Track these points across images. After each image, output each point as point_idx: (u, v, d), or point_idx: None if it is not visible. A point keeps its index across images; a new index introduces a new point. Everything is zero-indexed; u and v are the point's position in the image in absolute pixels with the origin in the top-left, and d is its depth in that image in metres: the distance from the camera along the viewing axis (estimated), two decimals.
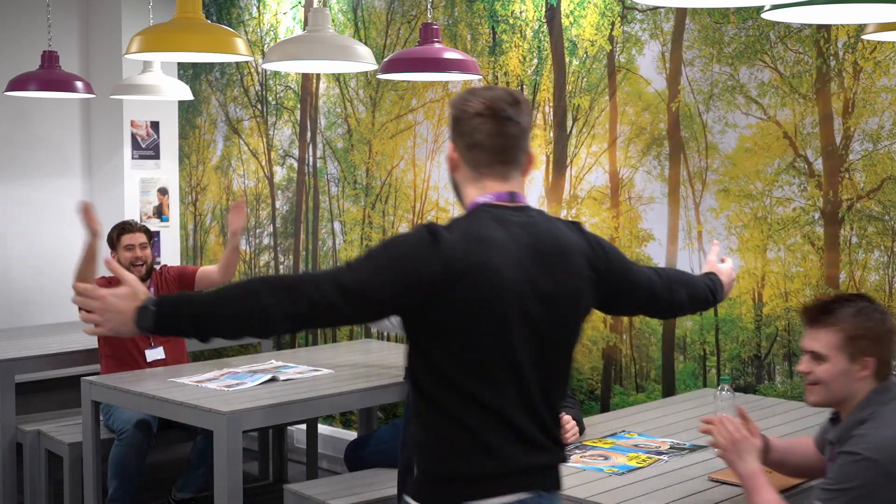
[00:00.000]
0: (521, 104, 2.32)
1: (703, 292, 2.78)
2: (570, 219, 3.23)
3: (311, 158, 6.05)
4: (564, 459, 2.35)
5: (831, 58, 4.02)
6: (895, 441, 2.46)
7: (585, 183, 4.78)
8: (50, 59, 4.98)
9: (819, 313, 2.63)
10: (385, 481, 4.10)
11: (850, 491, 2.44)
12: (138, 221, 5.02)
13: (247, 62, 6.28)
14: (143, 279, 4.85)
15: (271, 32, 6.25)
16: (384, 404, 5.51)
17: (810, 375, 2.64)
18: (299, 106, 6.09)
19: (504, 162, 2.33)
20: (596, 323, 4.74)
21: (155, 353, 4.92)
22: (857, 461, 2.45)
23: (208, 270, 5.05)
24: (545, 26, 4.90)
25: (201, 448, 4.86)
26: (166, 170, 6.76)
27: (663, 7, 4.43)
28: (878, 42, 3.84)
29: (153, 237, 5.02)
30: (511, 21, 5.04)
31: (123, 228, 4.97)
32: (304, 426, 5.58)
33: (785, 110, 4.15)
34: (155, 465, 5.41)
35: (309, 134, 6.06)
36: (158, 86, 5.20)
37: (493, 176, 2.34)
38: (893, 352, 2.62)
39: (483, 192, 2.34)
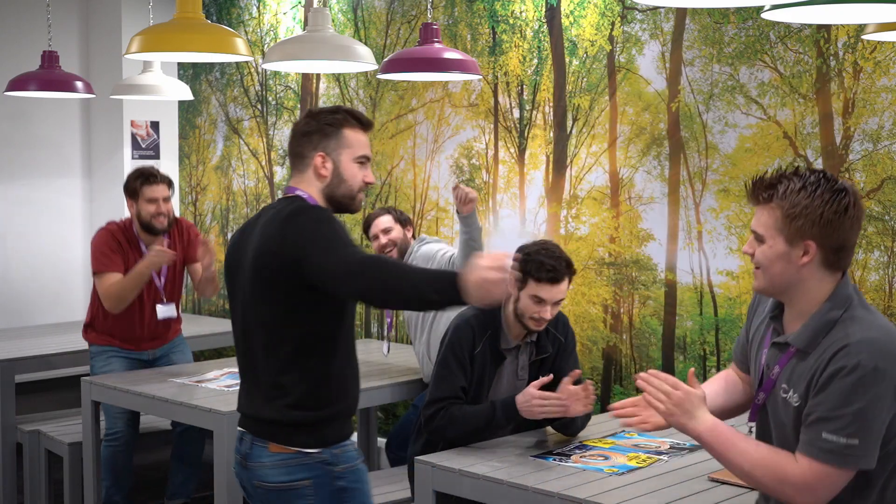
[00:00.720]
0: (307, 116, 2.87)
1: None
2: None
3: None
4: None
5: (831, 58, 4.02)
6: (890, 344, 2.20)
7: (585, 183, 4.78)
8: (50, 59, 4.98)
9: (761, 189, 2.31)
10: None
11: (862, 412, 2.15)
12: (159, 170, 4.72)
13: (247, 62, 6.28)
14: (163, 233, 4.69)
15: (271, 32, 6.25)
16: (384, 404, 5.51)
17: (753, 258, 2.34)
18: (299, 106, 6.09)
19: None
20: (596, 323, 4.74)
21: (167, 311, 4.74)
22: (862, 375, 2.15)
23: (195, 269, 4.77)
24: (545, 26, 4.90)
25: (179, 452, 4.82)
26: (166, 170, 6.73)
27: (663, 7, 4.42)
28: (878, 42, 3.84)
29: (174, 187, 4.77)
30: (511, 21, 5.04)
31: (147, 178, 4.63)
32: None
33: (785, 110, 4.15)
34: (154, 465, 5.42)
35: None
36: (158, 86, 5.20)
37: None
38: (847, 238, 2.26)
39: None
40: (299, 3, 6.08)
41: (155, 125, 6.74)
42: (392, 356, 4.98)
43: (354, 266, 2.57)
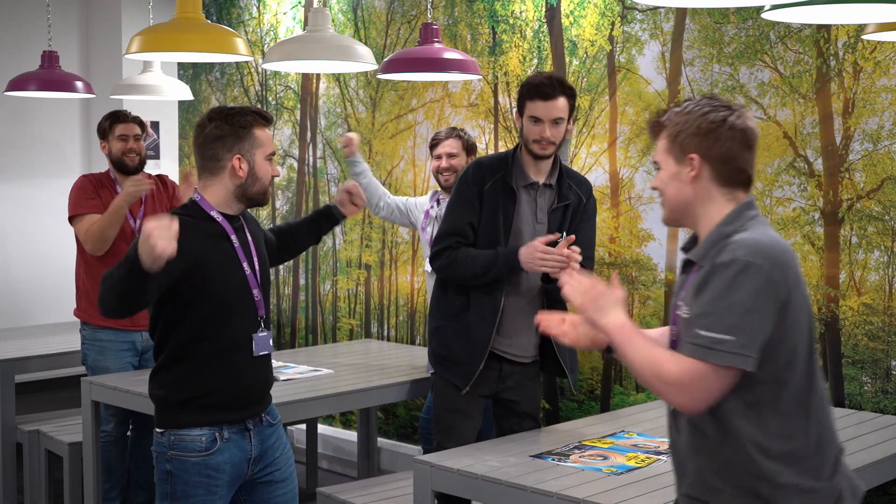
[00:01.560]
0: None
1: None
2: None
3: (311, 158, 6.05)
4: None
5: (831, 58, 4.01)
6: (772, 248, 2.16)
7: None
8: (50, 59, 4.98)
9: (654, 123, 2.33)
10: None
11: (740, 305, 2.09)
12: (130, 112, 4.81)
13: (247, 62, 6.28)
14: (136, 171, 4.69)
15: (271, 32, 6.25)
16: (384, 404, 5.51)
17: (657, 190, 2.38)
18: (299, 106, 6.09)
19: None
20: None
21: None
22: (737, 270, 2.11)
23: None
24: (545, 26, 4.90)
25: (134, 451, 4.77)
26: (166, 170, 6.75)
27: (663, 7, 4.42)
28: (878, 42, 3.83)
29: (146, 129, 4.84)
30: (511, 21, 5.03)
31: (117, 117, 4.73)
32: (303, 426, 5.58)
33: (785, 110, 4.15)
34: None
35: (309, 134, 6.06)
36: (158, 86, 5.20)
37: None
38: (731, 149, 2.23)
39: None
40: (299, 3, 6.08)
41: (155, 125, 6.74)
42: (393, 356, 4.98)
43: None
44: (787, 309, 2.14)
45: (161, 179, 4.90)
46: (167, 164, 6.78)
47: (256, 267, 3.05)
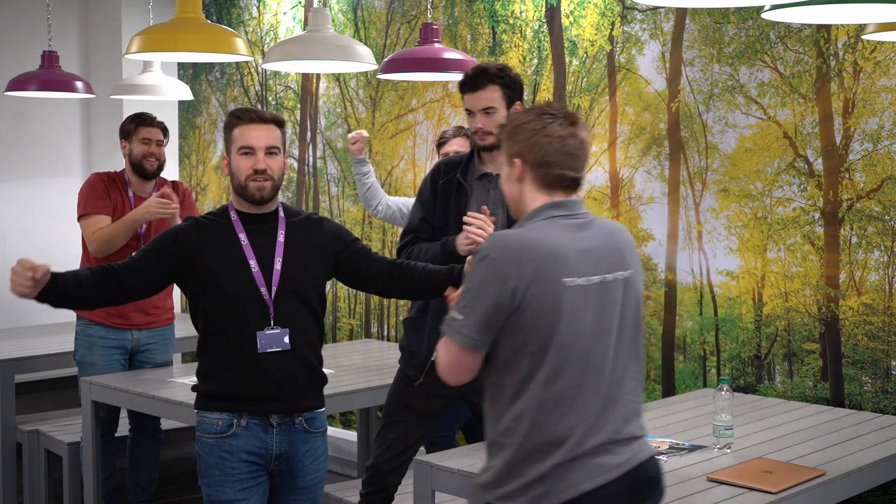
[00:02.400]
0: None
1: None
2: None
3: (311, 158, 6.05)
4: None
5: (831, 58, 4.01)
6: (512, 241, 2.36)
7: (585, 183, 4.76)
8: (50, 59, 4.98)
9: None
10: None
11: (471, 290, 2.36)
12: (156, 117, 4.77)
13: (247, 62, 6.28)
14: (153, 177, 4.68)
15: (271, 32, 6.25)
16: (384, 404, 5.50)
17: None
18: (299, 106, 6.09)
19: None
20: None
21: None
22: (478, 260, 2.37)
23: None
24: (545, 26, 4.90)
25: (134, 451, 4.75)
26: (166, 169, 6.73)
27: (663, 7, 4.42)
28: (878, 42, 3.83)
29: (168, 136, 4.80)
30: (511, 21, 5.03)
31: (143, 120, 4.69)
32: None
33: (785, 110, 4.14)
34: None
35: (309, 134, 6.06)
36: (158, 86, 5.20)
37: None
38: (547, 154, 2.42)
39: None
40: (299, 3, 6.08)
41: None
42: (393, 356, 4.97)
43: None
44: (521, 303, 2.32)
45: (174, 186, 4.83)
46: (167, 163, 6.77)
47: (276, 266, 3.09)
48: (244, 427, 3.07)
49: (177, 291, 4.92)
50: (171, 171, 6.80)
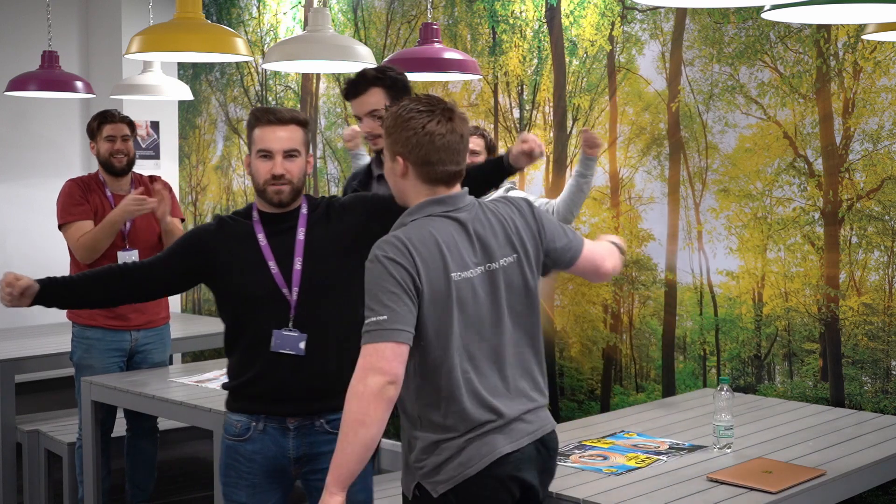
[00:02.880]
0: None
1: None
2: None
3: None
4: None
5: (831, 58, 4.01)
6: (398, 241, 2.47)
7: None
8: (50, 59, 4.98)
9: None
10: None
11: (368, 292, 2.45)
12: (119, 111, 4.71)
13: (247, 62, 6.28)
14: (123, 173, 4.63)
15: (271, 32, 6.26)
16: None
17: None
18: (299, 106, 6.09)
19: None
20: (596, 323, 4.74)
21: (128, 257, 4.59)
22: (368, 262, 2.49)
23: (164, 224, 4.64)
24: (545, 26, 4.90)
25: (131, 452, 4.73)
26: (166, 170, 6.75)
27: (663, 7, 4.42)
28: (878, 42, 3.83)
29: (136, 130, 4.74)
30: (511, 21, 5.03)
31: (105, 117, 4.64)
32: None
33: (785, 110, 4.14)
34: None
35: (309, 134, 6.05)
36: (158, 86, 5.20)
37: None
38: (430, 152, 2.52)
39: None
40: (299, 3, 6.08)
41: (155, 125, 6.74)
42: None
43: None
44: (419, 292, 2.45)
45: (152, 181, 4.76)
46: (167, 164, 6.79)
47: (296, 266, 3.01)
48: (262, 431, 3.02)
49: None
50: (171, 171, 6.81)
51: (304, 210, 3.08)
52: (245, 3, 6.42)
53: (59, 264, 6.56)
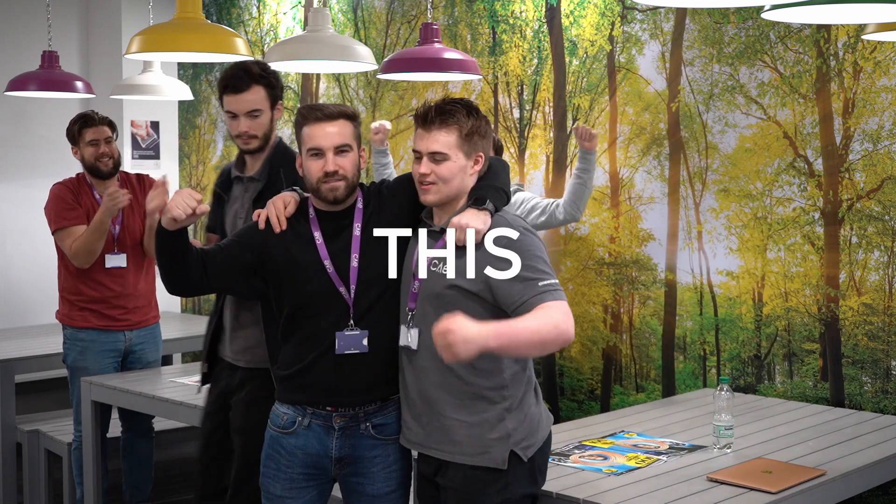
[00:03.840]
0: None
1: None
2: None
3: None
4: None
5: (831, 58, 4.01)
6: (520, 220, 2.82)
7: None
8: (50, 59, 4.98)
9: (437, 114, 2.79)
10: None
11: (534, 257, 2.67)
12: (98, 112, 4.69)
13: None
14: (110, 176, 4.61)
15: (271, 32, 6.25)
16: None
17: (430, 176, 2.76)
18: (299, 106, 6.09)
19: None
20: (596, 323, 4.74)
21: (116, 261, 4.59)
22: (524, 236, 2.71)
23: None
24: (545, 26, 4.90)
25: (128, 452, 4.73)
26: (166, 170, 6.75)
27: (663, 7, 4.42)
28: (878, 42, 3.83)
29: (117, 130, 4.71)
30: (511, 21, 5.03)
31: (86, 122, 4.60)
32: None
33: (785, 110, 4.14)
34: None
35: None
36: (158, 86, 5.21)
37: None
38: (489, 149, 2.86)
39: None
40: (299, 3, 6.08)
41: (155, 125, 6.74)
42: None
43: None
44: None
45: (140, 179, 4.80)
46: (167, 164, 6.78)
47: (352, 264, 2.94)
48: (306, 427, 2.96)
49: (161, 289, 4.90)
50: (171, 171, 6.81)
51: (359, 205, 2.99)
52: (245, 3, 6.42)
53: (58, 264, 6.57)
